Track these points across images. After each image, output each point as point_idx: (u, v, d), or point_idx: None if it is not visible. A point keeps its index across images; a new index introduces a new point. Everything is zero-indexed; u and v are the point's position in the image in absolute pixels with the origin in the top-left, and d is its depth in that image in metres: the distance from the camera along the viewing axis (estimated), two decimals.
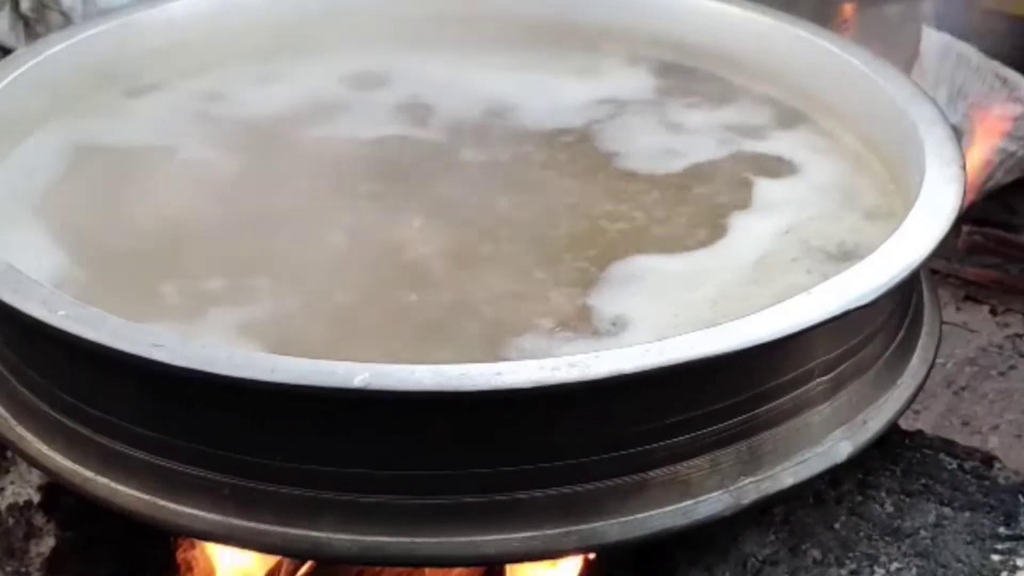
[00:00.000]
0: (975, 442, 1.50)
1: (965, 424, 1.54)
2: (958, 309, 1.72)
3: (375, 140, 1.12)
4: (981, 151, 1.77)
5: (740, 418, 0.87)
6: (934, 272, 1.77)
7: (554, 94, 1.17)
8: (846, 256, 0.98)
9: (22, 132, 1.11)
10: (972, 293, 1.75)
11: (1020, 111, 1.76)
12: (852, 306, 0.85)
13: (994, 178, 1.82)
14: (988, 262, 1.77)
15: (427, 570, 0.99)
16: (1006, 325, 1.70)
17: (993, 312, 1.72)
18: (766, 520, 0.94)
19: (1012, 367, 1.63)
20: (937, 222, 0.92)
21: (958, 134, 1.72)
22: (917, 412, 1.54)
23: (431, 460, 0.83)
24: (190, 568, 1.05)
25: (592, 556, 0.96)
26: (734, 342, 0.82)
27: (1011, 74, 1.76)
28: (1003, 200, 1.88)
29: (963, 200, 0.94)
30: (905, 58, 1.74)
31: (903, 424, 1.03)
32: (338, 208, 1.04)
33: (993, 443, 1.51)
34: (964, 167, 0.98)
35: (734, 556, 0.92)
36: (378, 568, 1.04)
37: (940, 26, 1.79)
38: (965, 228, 1.75)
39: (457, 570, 1.01)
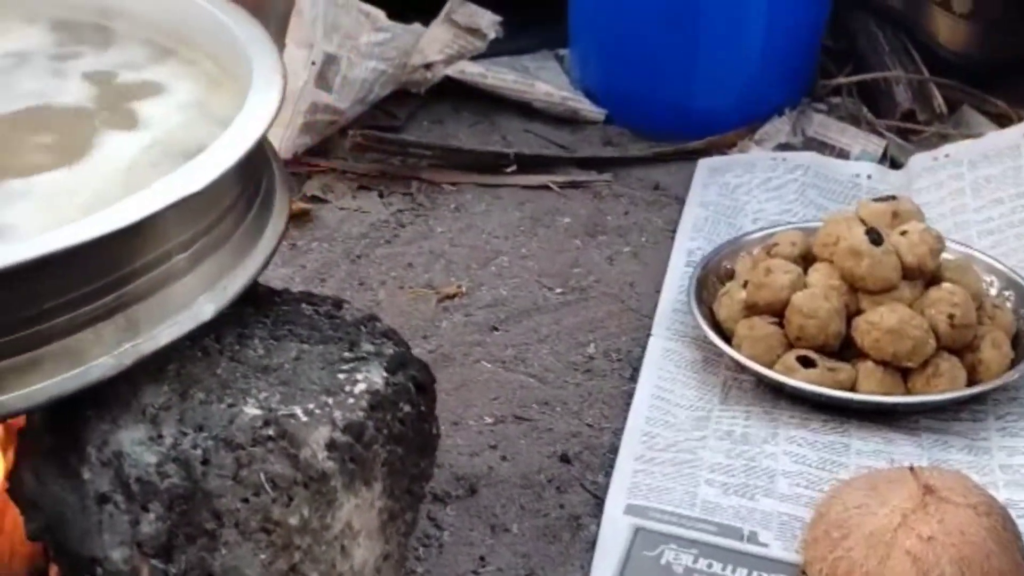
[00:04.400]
0: (367, 297, 1.55)
1: (361, 284, 1.57)
2: (354, 197, 1.76)
3: None
4: (358, 72, 1.80)
5: (114, 295, 0.86)
6: (332, 170, 1.81)
7: None
8: None
9: None
10: (364, 184, 1.79)
11: (382, 38, 1.80)
12: (186, 194, 0.86)
13: (374, 92, 1.86)
14: (374, 158, 1.81)
15: None
16: (391, 204, 1.75)
17: (380, 196, 1.77)
18: (162, 375, 0.94)
19: (396, 235, 1.68)
20: (259, 122, 0.94)
21: (335, 60, 1.76)
22: (323, 280, 1.57)
23: None
24: None
25: (21, 422, 0.94)
26: (92, 232, 0.82)
27: (372, 9, 1.79)
28: (385, 108, 1.94)
29: (280, 105, 0.96)
30: (284, 4, 1.75)
31: (308, 288, 1.05)
32: None
33: (382, 295, 1.55)
34: (285, 79, 1.00)
35: (135, 407, 0.92)
36: None
37: None
38: (350, 132, 1.79)
39: None
